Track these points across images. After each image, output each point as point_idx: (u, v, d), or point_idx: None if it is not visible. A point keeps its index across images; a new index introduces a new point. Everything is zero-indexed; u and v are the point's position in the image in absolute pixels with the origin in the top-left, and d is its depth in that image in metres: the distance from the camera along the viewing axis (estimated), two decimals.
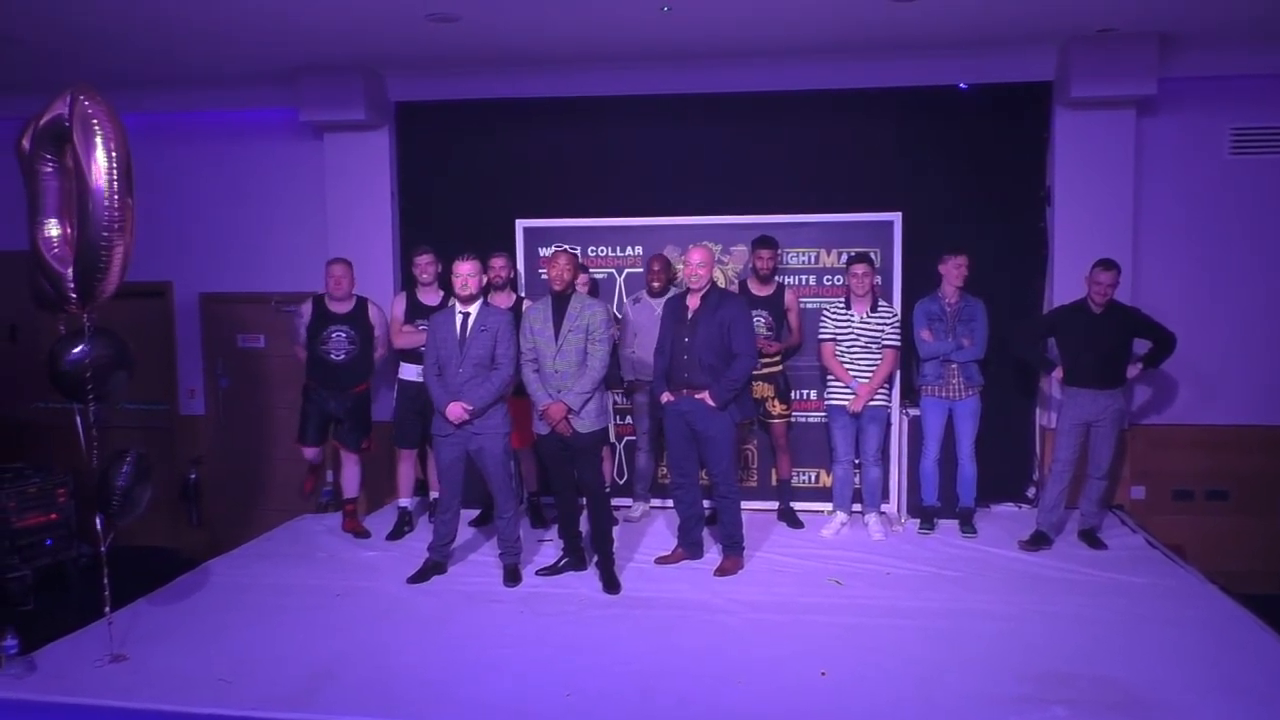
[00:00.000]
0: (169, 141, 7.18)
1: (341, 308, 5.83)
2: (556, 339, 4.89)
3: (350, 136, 6.82)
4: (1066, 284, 6.08)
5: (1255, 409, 6.32)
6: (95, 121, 3.68)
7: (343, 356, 5.79)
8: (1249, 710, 3.54)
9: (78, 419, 4.00)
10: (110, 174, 3.69)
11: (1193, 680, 3.78)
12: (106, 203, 3.69)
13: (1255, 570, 6.03)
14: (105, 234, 3.70)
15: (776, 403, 5.95)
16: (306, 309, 5.87)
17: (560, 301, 4.95)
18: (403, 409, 5.89)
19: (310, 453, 6.08)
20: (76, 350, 3.96)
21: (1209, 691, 3.69)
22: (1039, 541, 5.52)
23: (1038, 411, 6.55)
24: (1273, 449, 6.24)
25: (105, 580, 4.11)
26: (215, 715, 3.62)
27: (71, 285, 3.81)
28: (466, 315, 4.96)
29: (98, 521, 4.15)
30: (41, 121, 3.79)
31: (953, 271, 5.68)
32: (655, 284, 5.88)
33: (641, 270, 6.31)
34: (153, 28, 5.58)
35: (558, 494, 5.18)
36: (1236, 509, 6.36)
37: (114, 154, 3.71)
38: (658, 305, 5.80)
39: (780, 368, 5.99)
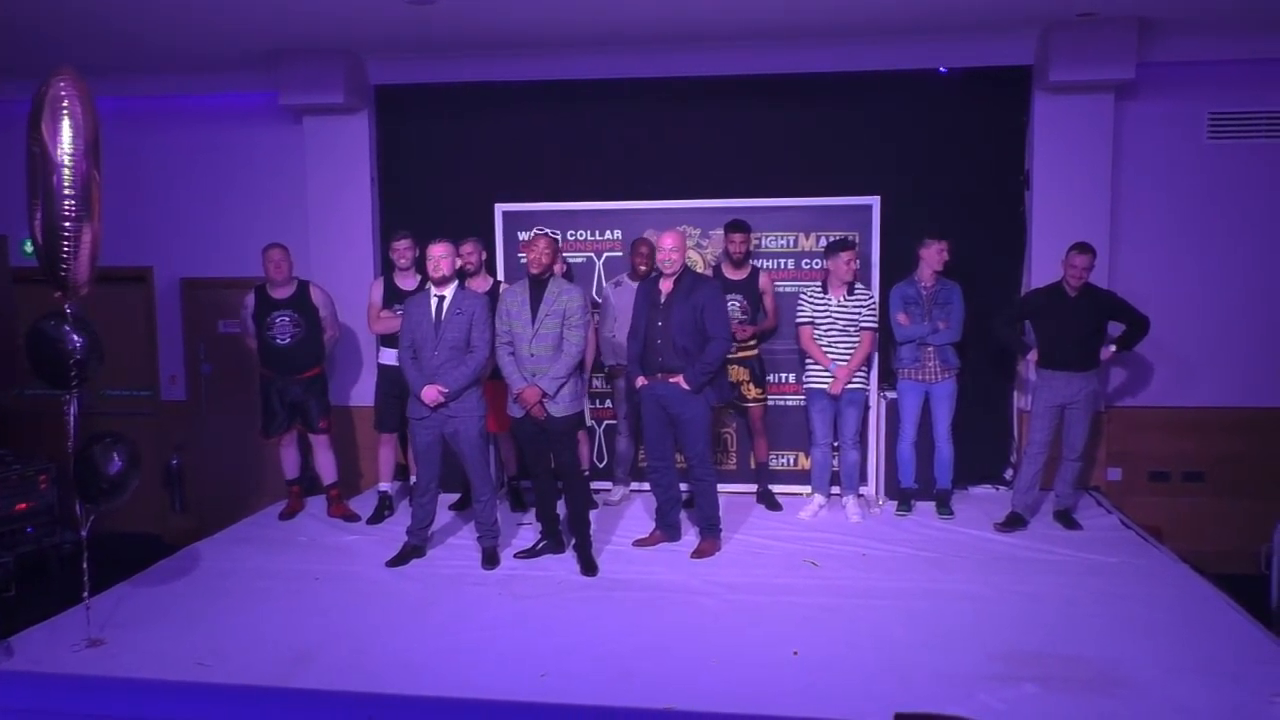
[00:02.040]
0: (149, 126, 7.16)
1: (283, 293, 5.86)
2: (533, 323, 4.90)
3: (330, 120, 6.80)
4: (1044, 267, 6.10)
5: (1231, 391, 6.37)
6: (64, 102, 3.67)
7: (288, 340, 5.81)
8: (1219, 688, 3.59)
9: (68, 407, 4.00)
10: (75, 153, 3.68)
11: (1164, 658, 3.84)
12: (70, 182, 3.68)
13: (1230, 550, 6.09)
14: (70, 213, 3.69)
15: (751, 386, 5.98)
16: (250, 299, 5.90)
17: (538, 285, 4.95)
18: (383, 393, 5.91)
19: (288, 462, 6.09)
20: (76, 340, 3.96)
21: (1180, 669, 3.74)
22: (1014, 523, 5.58)
23: (1015, 394, 6.59)
24: (1248, 431, 6.29)
25: (85, 565, 4.12)
26: (195, 686, 3.63)
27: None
28: (441, 298, 4.96)
29: (77, 507, 4.16)
30: (32, 106, 3.79)
31: (934, 256, 5.70)
32: (642, 267, 5.86)
33: (620, 254, 6.31)
34: (131, 11, 5.54)
35: (535, 477, 5.21)
36: (1212, 490, 6.42)
37: (81, 133, 3.69)
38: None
39: (755, 351, 6.01)
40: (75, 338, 3.94)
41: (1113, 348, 5.63)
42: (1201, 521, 6.35)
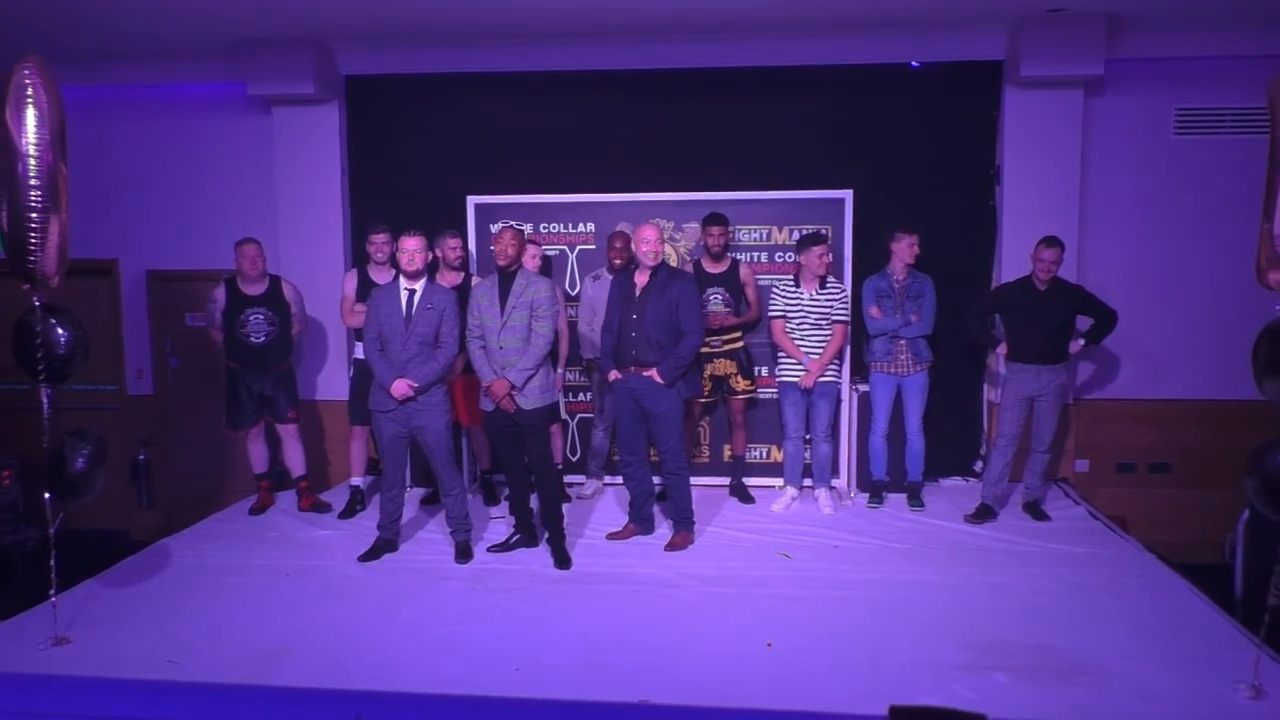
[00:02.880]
0: (115, 116, 7.05)
1: (256, 289, 5.79)
2: (501, 315, 4.88)
3: (300, 111, 6.73)
4: (1015, 261, 6.16)
5: (1196, 384, 6.46)
6: (29, 90, 3.61)
7: (263, 339, 5.76)
8: (1184, 674, 3.64)
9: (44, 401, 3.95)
10: (40, 143, 3.62)
11: (1131, 646, 3.89)
12: (35, 172, 3.62)
13: (1194, 540, 6.18)
14: (36, 204, 3.63)
15: (740, 378, 5.98)
16: (220, 293, 5.81)
17: (506, 278, 4.94)
18: (358, 386, 5.86)
19: (257, 457, 6.03)
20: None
21: (1146, 655, 3.80)
22: (984, 514, 5.63)
23: (985, 387, 6.65)
24: (1212, 423, 6.38)
25: (52, 562, 4.06)
26: (165, 684, 3.59)
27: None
28: (412, 292, 4.93)
29: (46, 502, 4.10)
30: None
31: (905, 250, 5.73)
32: (617, 261, 5.87)
33: (593, 247, 6.30)
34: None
35: (508, 471, 5.19)
36: (1177, 482, 6.51)
37: (46, 123, 3.64)
38: None
39: (742, 344, 6.01)
40: (61, 332, 3.88)
41: (1081, 341, 5.69)
42: (1167, 512, 6.43)
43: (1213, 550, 6.01)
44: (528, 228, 6.23)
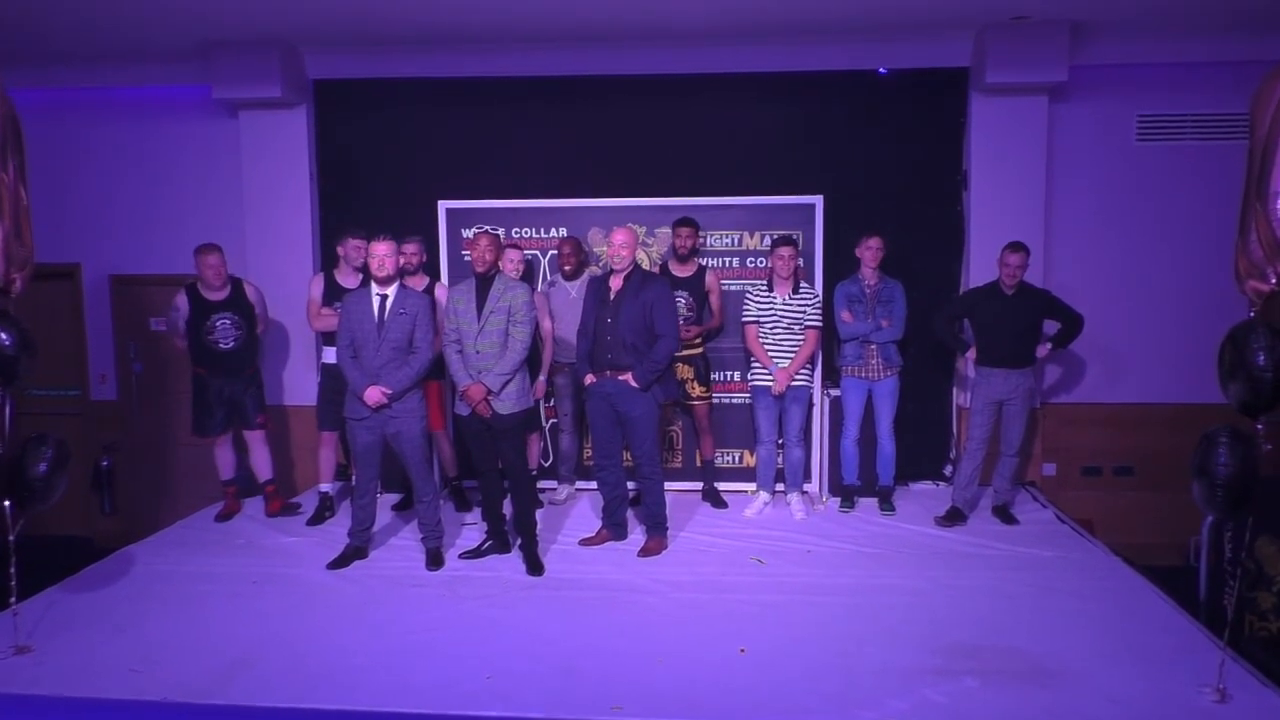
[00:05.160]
0: (77, 118, 6.96)
1: (219, 295, 5.74)
2: (479, 320, 4.86)
3: (267, 114, 6.66)
4: (982, 266, 6.22)
5: (1160, 388, 6.55)
6: None
7: (232, 344, 5.72)
8: (1151, 675, 3.69)
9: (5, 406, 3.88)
10: None
11: (1098, 648, 3.93)
12: None
13: (1159, 543, 6.27)
14: None
15: (696, 384, 6.00)
16: (182, 301, 5.74)
17: (484, 283, 4.91)
18: (326, 391, 5.81)
19: (224, 463, 5.96)
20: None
21: (1113, 658, 3.84)
22: (954, 518, 5.67)
23: (955, 391, 6.70)
24: (1176, 426, 6.44)
25: (12, 570, 3.99)
26: (126, 702, 3.54)
27: None
28: (384, 297, 4.89)
29: (6, 509, 4.02)
30: None
31: (868, 253, 5.77)
32: (566, 267, 5.92)
33: None
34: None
35: (481, 476, 5.16)
36: (1141, 484, 6.60)
37: None
38: (572, 288, 5.85)
39: (700, 350, 6.03)
40: (3, 335, 3.81)
41: (1049, 346, 5.75)
42: (1132, 515, 6.52)
43: (1177, 553, 6.10)
44: (501, 232, 6.20)
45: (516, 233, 6.39)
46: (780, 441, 5.94)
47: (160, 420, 7.18)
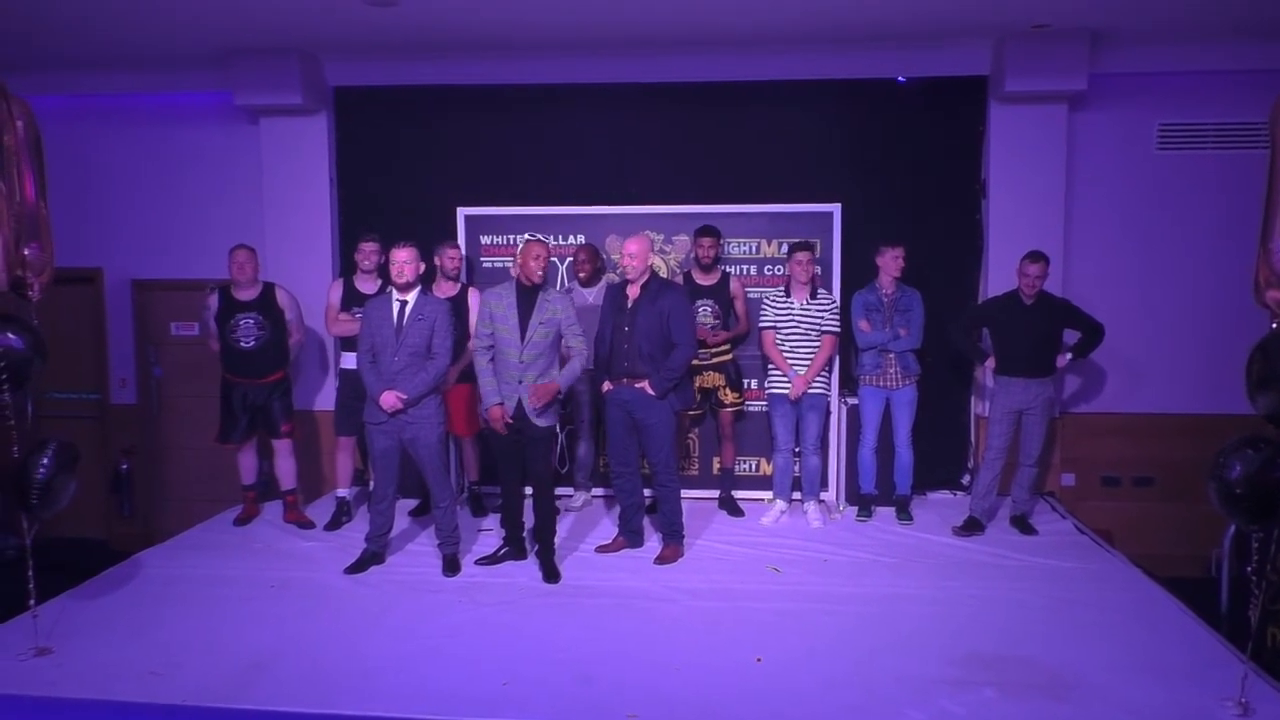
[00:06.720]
0: (99, 125, 7.03)
1: (247, 294, 5.78)
2: (523, 331, 4.83)
3: (287, 121, 6.71)
4: (1000, 275, 6.19)
5: (1180, 398, 6.50)
6: None
7: (252, 343, 5.73)
8: (1171, 688, 3.65)
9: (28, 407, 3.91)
10: None
11: (1117, 660, 3.90)
12: None
13: (1179, 554, 6.21)
14: None
15: (728, 391, 5.98)
16: (213, 300, 5.80)
17: (528, 293, 4.89)
18: (344, 396, 5.83)
19: (246, 467, 5.98)
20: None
21: (1133, 671, 3.80)
22: (972, 527, 5.64)
23: (973, 400, 6.67)
24: (1196, 436, 6.38)
25: (30, 573, 4.01)
26: (145, 705, 3.56)
27: None
28: (404, 303, 4.91)
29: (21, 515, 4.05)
30: None
31: (890, 263, 5.75)
32: (582, 274, 5.93)
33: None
34: (80, 6, 5.41)
35: (504, 483, 5.16)
36: (1162, 495, 6.54)
37: None
38: (589, 295, 5.85)
39: (730, 356, 6.02)
40: (13, 337, 3.84)
41: (1069, 355, 5.72)
42: (1152, 526, 6.46)
43: (1198, 564, 6.04)
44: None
45: (532, 238, 6.40)
46: (797, 450, 5.93)
47: (180, 424, 7.23)
